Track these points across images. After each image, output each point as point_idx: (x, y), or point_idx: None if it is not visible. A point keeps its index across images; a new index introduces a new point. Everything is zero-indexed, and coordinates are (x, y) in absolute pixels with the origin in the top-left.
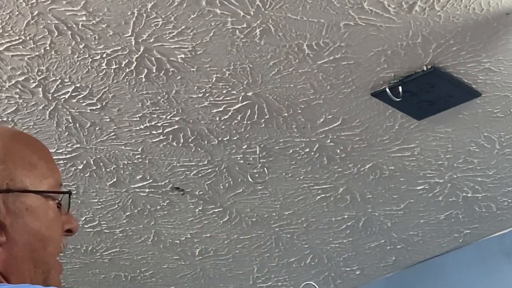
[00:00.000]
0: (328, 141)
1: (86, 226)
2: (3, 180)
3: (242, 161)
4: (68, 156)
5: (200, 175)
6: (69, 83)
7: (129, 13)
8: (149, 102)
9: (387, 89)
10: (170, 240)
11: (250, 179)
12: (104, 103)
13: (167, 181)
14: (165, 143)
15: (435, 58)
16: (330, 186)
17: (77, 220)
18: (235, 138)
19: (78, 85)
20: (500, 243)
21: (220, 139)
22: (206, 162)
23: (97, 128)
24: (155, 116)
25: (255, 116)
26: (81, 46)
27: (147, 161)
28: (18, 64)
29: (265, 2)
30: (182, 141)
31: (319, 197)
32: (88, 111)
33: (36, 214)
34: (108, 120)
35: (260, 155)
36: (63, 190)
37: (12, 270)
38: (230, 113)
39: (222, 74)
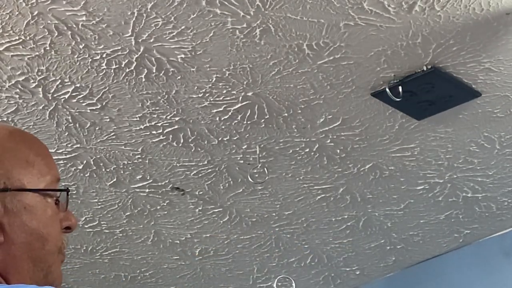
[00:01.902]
0: (328, 141)
1: (86, 226)
2: (0, 179)
3: (242, 161)
4: (68, 156)
5: (200, 175)
6: (69, 83)
7: (129, 13)
8: (149, 102)
9: (387, 89)
10: (170, 240)
11: (250, 179)
12: (104, 103)
13: (167, 181)
14: (165, 143)
15: (435, 58)
16: (330, 186)
17: (77, 220)
18: (235, 138)
19: (78, 85)
20: (500, 243)
21: (220, 139)
22: (206, 162)
23: (97, 128)
24: (155, 116)
25: (255, 116)
26: (81, 46)
27: (147, 161)
28: (18, 64)
29: (265, 2)
30: (182, 141)
31: (319, 197)
32: (88, 111)
33: (34, 212)
34: (108, 120)
35: (260, 155)
36: (61, 188)
37: (10, 270)
38: (230, 113)
39: (222, 74)
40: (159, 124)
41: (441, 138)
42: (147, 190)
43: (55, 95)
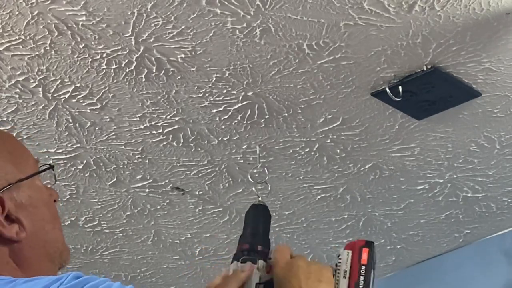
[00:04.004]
0: (328, 141)
1: (86, 226)
2: (0, 177)
3: (242, 161)
4: (68, 156)
5: (200, 175)
6: (69, 83)
7: (129, 13)
8: (149, 102)
9: (387, 89)
10: (170, 240)
11: (250, 179)
12: (104, 103)
13: (167, 181)
14: (165, 143)
15: (435, 58)
16: (330, 186)
17: (77, 220)
18: (235, 138)
19: (78, 85)
20: (500, 243)
21: (220, 139)
22: (206, 162)
23: (97, 128)
24: (155, 116)
25: (255, 116)
26: (81, 46)
27: (147, 161)
28: (18, 64)
29: (265, 2)
30: (182, 141)
31: (319, 197)
32: (88, 111)
33: (36, 198)
34: (108, 120)
35: (260, 155)
36: (45, 167)
37: (30, 263)
38: (230, 113)
39: (222, 74)
40: (159, 124)
41: (441, 138)
42: (147, 190)
43: (55, 95)
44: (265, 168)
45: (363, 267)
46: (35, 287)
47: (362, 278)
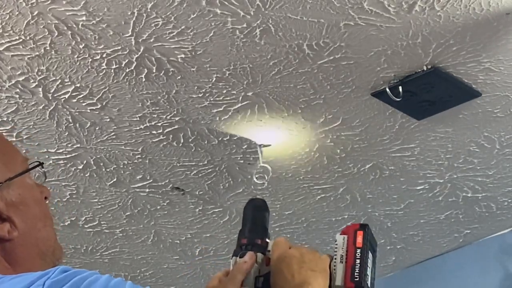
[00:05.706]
0: (328, 141)
1: (86, 226)
2: None
3: (242, 161)
4: (68, 156)
5: (200, 175)
6: (69, 83)
7: (129, 13)
8: (149, 102)
9: (387, 89)
10: (170, 240)
11: (253, 179)
12: (104, 103)
13: (167, 181)
14: (165, 143)
15: (435, 58)
16: (330, 186)
17: (77, 220)
18: (235, 138)
19: (78, 85)
20: (500, 243)
21: (220, 139)
22: (206, 162)
23: (97, 128)
24: (155, 116)
25: (255, 116)
26: (81, 46)
27: (147, 161)
28: (18, 64)
29: (265, 2)
30: (182, 141)
31: (319, 197)
32: (88, 111)
33: (27, 197)
34: (108, 120)
35: (260, 155)
36: (34, 164)
37: (23, 261)
38: (230, 113)
39: (222, 74)
40: (159, 124)
41: (441, 138)
42: (147, 190)
43: (55, 95)
44: (268, 166)
45: (358, 250)
46: (22, 283)
47: (358, 261)
